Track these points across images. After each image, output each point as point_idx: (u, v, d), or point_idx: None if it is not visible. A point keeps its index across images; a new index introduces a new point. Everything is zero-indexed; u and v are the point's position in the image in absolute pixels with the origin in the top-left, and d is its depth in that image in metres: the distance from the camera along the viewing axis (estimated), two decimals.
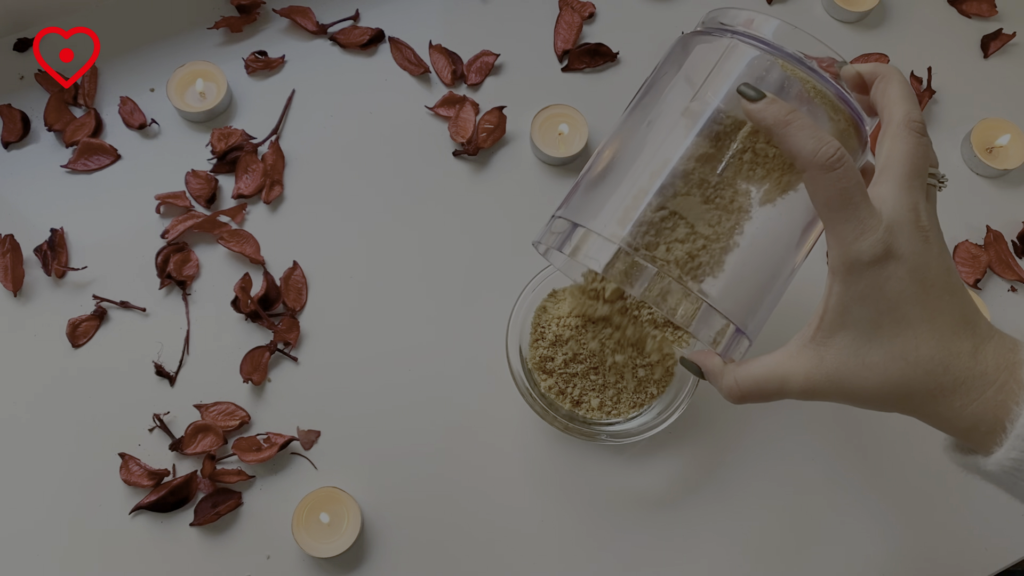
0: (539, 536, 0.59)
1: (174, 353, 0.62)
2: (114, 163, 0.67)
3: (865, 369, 0.38)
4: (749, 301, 0.43)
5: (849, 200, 0.37)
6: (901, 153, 0.39)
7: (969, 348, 0.37)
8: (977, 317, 0.38)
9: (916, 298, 0.37)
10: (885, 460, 0.62)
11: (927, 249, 0.38)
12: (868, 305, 0.37)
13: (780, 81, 0.42)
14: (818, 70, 0.42)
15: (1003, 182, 0.71)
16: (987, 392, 0.37)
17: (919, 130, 0.39)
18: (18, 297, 0.63)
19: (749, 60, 0.42)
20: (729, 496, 0.61)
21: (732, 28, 0.44)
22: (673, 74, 0.46)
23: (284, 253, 0.65)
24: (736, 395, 0.41)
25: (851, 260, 0.37)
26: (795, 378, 0.39)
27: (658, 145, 0.44)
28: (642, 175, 0.43)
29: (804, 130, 0.37)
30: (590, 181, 0.46)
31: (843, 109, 0.42)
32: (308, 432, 0.60)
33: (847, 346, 0.38)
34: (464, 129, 0.68)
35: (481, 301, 0.64)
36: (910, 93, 0.40)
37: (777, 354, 0.40)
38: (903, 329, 0.37)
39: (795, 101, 0.41)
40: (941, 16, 0.76)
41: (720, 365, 0.42)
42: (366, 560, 0.58)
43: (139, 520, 0.58)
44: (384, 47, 0.71)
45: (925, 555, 0.60)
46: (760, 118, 0.39)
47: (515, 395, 0.59)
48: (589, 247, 0.43)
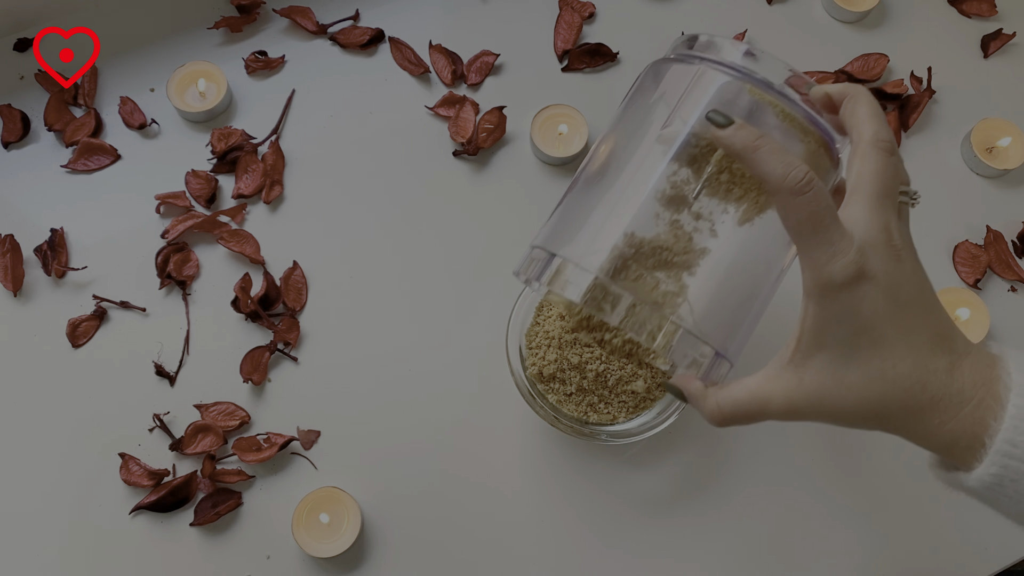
0: (539, 536, 0.59)
1: (174, 353, 0.62)
2: (114, 163, 0.67)
3: (844, 389, 0.38)
4: (729, 324, 0.43)
5: (820, 223, 0.37)
6: (870, 173, 0.39)
7: (946, 365, 0.37)
8: (954, 333, 0.39)
9: (891, 317, 0.37)
10: (885, 460, 0.62)
11: (900, 268, 0.38)
12: (844, 326, 0.37)
13: (750, 106, 0.42)
14: (787, 93, 0.43)
15: (1003, 182, 0.71)
16: (965, 409, 0.37)
17: (888, 149, 0.39)
18: (18, 297, 0.63)
19: (719, 86, 0.43)
20: (729, 495, 0.61)
21: (702, 55, 0.44)
22: (646, 100, 0.46)
23: (284, 253, 0.65)
24: (718, 419, 0.41)
25: (824, 283, 0.37)
26: (776, 400, 0.40)
27: (633, 172, 0.44)
28: (617, 202, 0.44)
29: (773, 155, 0.37)
30: (567, 208, 0.46)
31: (812, 131, 0.43)
32: (308, 432, 0.60)
33: (825, 367, 0.38)
34: (464, 129, 0.68)
35: (481, 301, 0.64)
36: (878, 112, 0.41)
37: (757, 377, 0.41)
38: (880, 348, 0.37)
39: (765, 125, 0.42)
40: (941, 16, 0.76)
41: (701, 389, 0.42)
42: (366, 560, 0.58)
43: (139, 520, 0.58)
44: (384, 47, 0.71)
45: (925, 555, 0.60)
46: (729, 144, 0.39)
47: (515, 395, 0.59)
48: (566, 277, 0.43)
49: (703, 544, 0.60)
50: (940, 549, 0.60)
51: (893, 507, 0.61)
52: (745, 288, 0.44)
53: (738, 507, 0.60)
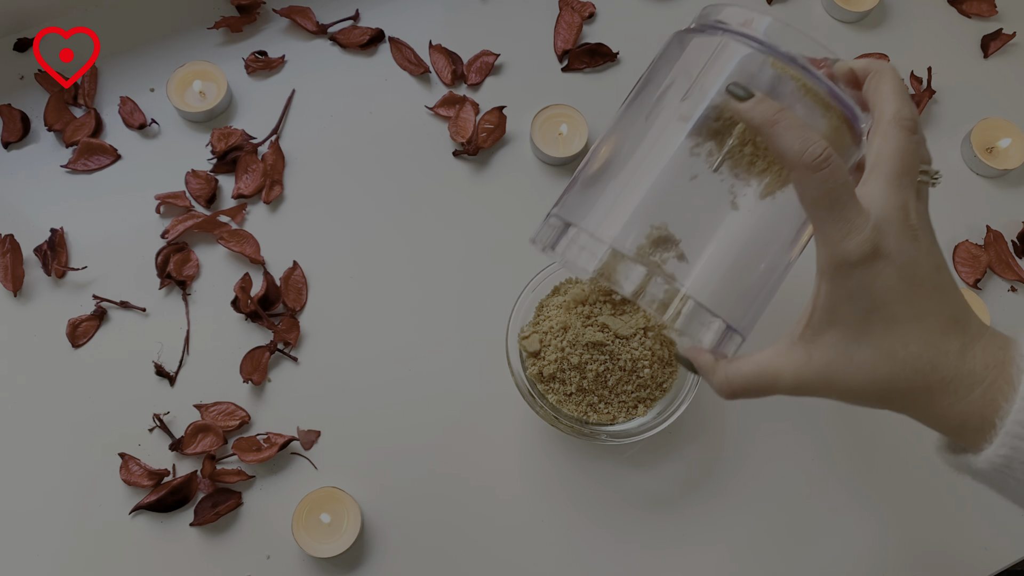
0: (539, 535, 0.59)
1: (174, 353, 0.62)
2: (114, 163, 0.67)
3: (854, 367, 0.38)
4: (742, 298, 0.43)
5: (836, 200, 0.37)
6: (890, 151, 0.38)
7: (958, 346, 0.37)
8: (968, 315, 0.38)
9: (904, 296, 0.37)
10: (885, 460, 0.62)
11: (916, 247, 0.38)
12: (856, 304, 0.37)
13: (772, 79, 0.42)
14: (809, 67, 0.42)
15: (1003, 182, 0.71)
16: (976, 390, 0.37)
17: (910, 127, 0.39)
18: (18, 297, 0.63)
19: (741, 58, 0.42)
20: (729, 495, 0.61)
21: (725, 26, 0.44)
22: (667, 72, 0.46)
23: (284, 253, 0.65)
24: (727, 391, 0.42)
25: (839, 260, 0.37)
26: (785, 375, 0.40)
27: (652, 144, 0.44)
28: (636, 174, 0.43)
29: (791, 130, 0.37)
30: (585, 179, 0.46)
31: (835, 106, 0.42)
32: (308, 432, 0.60)
33: (836, 344, 0.38)
34: (464, 129, 0.68)
35: (481, 301, 0.64)
36: (901, 89, 0.40)
37: (768, 351, 0.41)
38: (892, 328, 0.37)
39: (787, 99, 0.41)
40: (941, 16, 0.76)
41: (711, 362, 0.42)
42: (366, 560, 0.58)
43: (139, 520, 0.58)
44: (384, 47, 0.71)
45: (925, 555, 0.60)
46: (748, 117, 0.39)
47: (515, 395, 0.59)
48: (581, 246, 0.43)
49: (703, 543, 0.60)
50: (940, 548, 0.60)
51: (893, 507, 0.61)
52: (761, 263, 0.43)
53: (738, 507, 0.60)
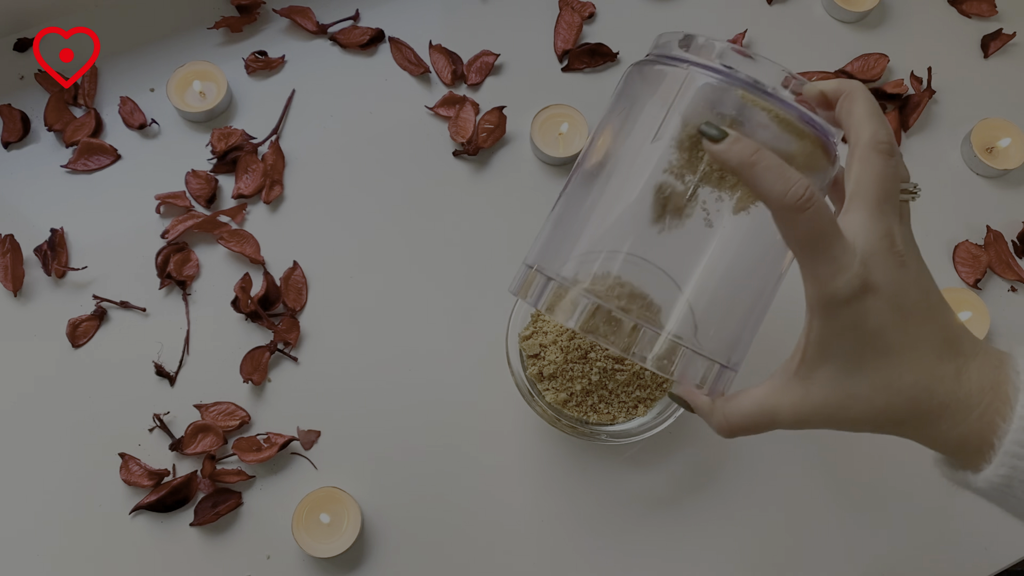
0: (539, 535, 0.59)
1: (174, 353, 0.62)
2: (114, 163, 0.67)
3: (850, 400, 0.38)
4: (731, 334, 0.43)
5: (821, 238, 0.36)
6: (870, 178, 0.38)
7: (953, 370, 0.37)
8: (961, 335, 0.38)
9: (897, 326, 0.37)
10: (884, 460, 0.62)
11: (904, 274, 0.37)
12: (849, 339, 0.37)
13: (740, 106, 0.41)
14: (777, 95, 0.41)
15: (1003, 182, 0.70)
16: (973, 412, 0.36)
17: (887, 151, 0.38)
18: (18, 297, 0.63)
19: (708, 90, 0.41)
20: (729, 495, 0.61)
21: (687, 57, 0.43)
22: (628, 108, 0.45)
23: (284, 253, 0.65)
24: (727, 431, 0.41)
25: (828, 298, 0.37)
26: (783, 412, 0.40)
27: (621, 183, 0.43)
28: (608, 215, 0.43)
29: (771, 171, 0.36)
30: (559, 221, 0.45)
31: (807, 132, 0.41)
32: (308, 432, 0.60)
33: (831, 379, 0.38)
34: (464, 129, 0.68)
35: (481, 301, 0.64)
36: (875, 111, 0.39)
37: (764, 388, 0.40)
38: (886, 358, 0.37)
39: (757, 127, 0.41)
40: (941, 16, 0.76)
41: (708, 403, 0.42)
42: (366, 560, 0.58)
43: (139, 520, 0.58)
44: (384, 47, 0.71)
45: (925, 555, 0.60)
46: (724, 159, 0.38)
47: (515, 395, 0.59)
48: (564, 302, 0.42)
49: (703, 544, 0.60)
50: (940, 549, 0.60)
51: (893, 508, 0.61)
52: (745, 296, 0.43)
53: (738, 507, 0.60)
